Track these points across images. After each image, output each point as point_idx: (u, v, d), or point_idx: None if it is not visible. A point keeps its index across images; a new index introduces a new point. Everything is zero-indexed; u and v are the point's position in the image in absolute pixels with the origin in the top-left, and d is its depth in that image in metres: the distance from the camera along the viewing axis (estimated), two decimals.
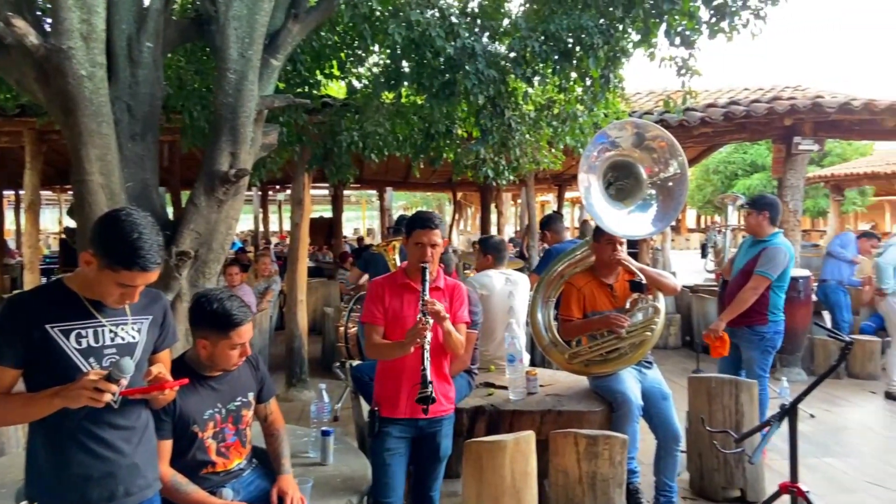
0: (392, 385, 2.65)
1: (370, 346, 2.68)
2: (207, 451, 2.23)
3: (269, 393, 2.48)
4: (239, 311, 2.18)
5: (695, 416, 3.81)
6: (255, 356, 2.43)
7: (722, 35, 3.91)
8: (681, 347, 8.02)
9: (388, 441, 2.64)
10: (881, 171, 13.99)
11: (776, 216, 4.28)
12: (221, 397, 2.27)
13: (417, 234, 2.63)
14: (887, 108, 6.65)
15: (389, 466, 2.63)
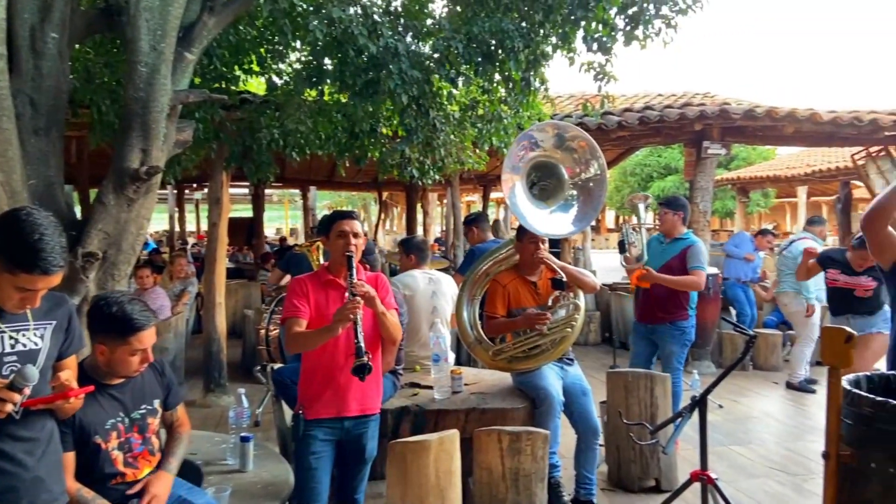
0: (317, 385, 2.60)
1: (293, 337, 2.54)
2: (114, 463, 2.12)
3: (176, 399, 2.39)
4: (140, 315, 2.08)
5: (613, 410, 3.94)
6: (159, 361, 2.34)
7: (636, 42, 4.07)
8: (600, 344, 8.28)
9: (314, 444, 2.59)
10: (782, 175, 14.90)
11: (688, 217, 4.54)
12: (124, 406, 2.17)
13: (339, 224, 2.62)
14: (787, 116, 7.10)
15: (316, 471, 2.58)
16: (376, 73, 3.76)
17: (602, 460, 4.06)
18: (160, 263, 9.20)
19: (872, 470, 2.08)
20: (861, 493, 2.12)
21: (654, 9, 3.93)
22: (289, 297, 2.63)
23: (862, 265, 4.36)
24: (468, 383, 3.67)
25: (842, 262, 4.49)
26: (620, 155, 11.26)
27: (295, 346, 2.59)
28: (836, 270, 4.43)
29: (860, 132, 7.56)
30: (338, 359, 2.58)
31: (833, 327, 2.28)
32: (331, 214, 2.78)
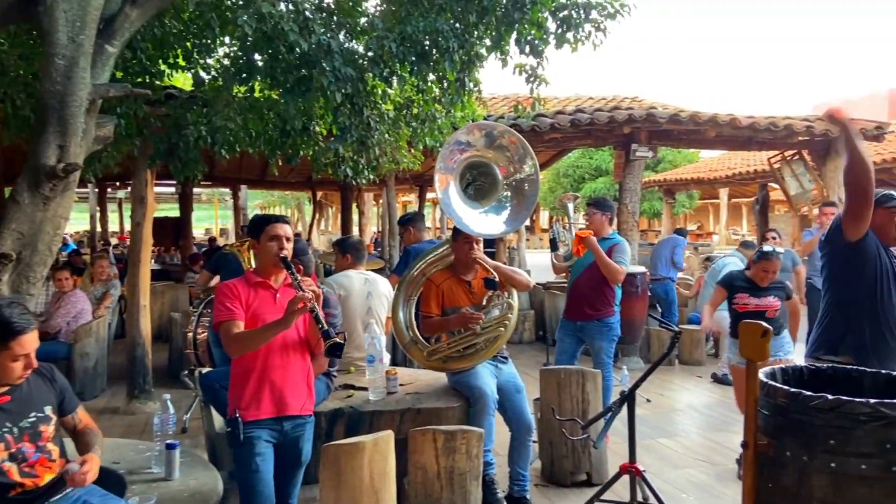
0: (253, 386, 2.55)
1: (234, 338, 2.47)
2: (8, 474, 2.03)
3: (73, 403, 2.31)
4: (20, 319, 1.99)
5: (546, 407, 4.01)
6: (48, 367, 2.25)
7: (568, 45, 4.16)
8: (535, 342, 8.41)
9: (259, 445, 2.53)
10: (705, 177, 15.55)
11: (614, 217, 4.70)
12: (10, 416, 2.07)
13: (273, 227, 2.60)
14: (709, 120, 7.42)
15: (263, 473, 2.54)
16: (308, 71, 3.70)
17: (536, 456, 4.13)
18: (80, 265, 8.78)
19: (788, 458, 2.19)
20: (777, 479, 2.23)
21: (583, 13, 4.03)
22: (220, 301, 2.56)
23: (765, 278, 4.23)
24: (403, 383, 3.65)
25: (747, 283, 4.30)
26: (553, 156, 11.49)
27: (238, 346, 2.51)
28: (745, 294, 4.24)
29: (776, 137, 7.98)
30: (273, 358, 2.55)
31: (751, 322, 2.39)
32: (261, 217, 2.73)
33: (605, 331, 4.49)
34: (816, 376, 2.66)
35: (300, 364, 2.66)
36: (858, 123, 8.31)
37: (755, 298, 4.22)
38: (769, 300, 4.22)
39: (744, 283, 4.30)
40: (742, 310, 4.20)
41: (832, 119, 2.89)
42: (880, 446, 2.06)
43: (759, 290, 4.24)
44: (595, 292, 4.45)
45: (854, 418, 2.08)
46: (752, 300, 4.22)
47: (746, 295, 4.23)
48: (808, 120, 8.13)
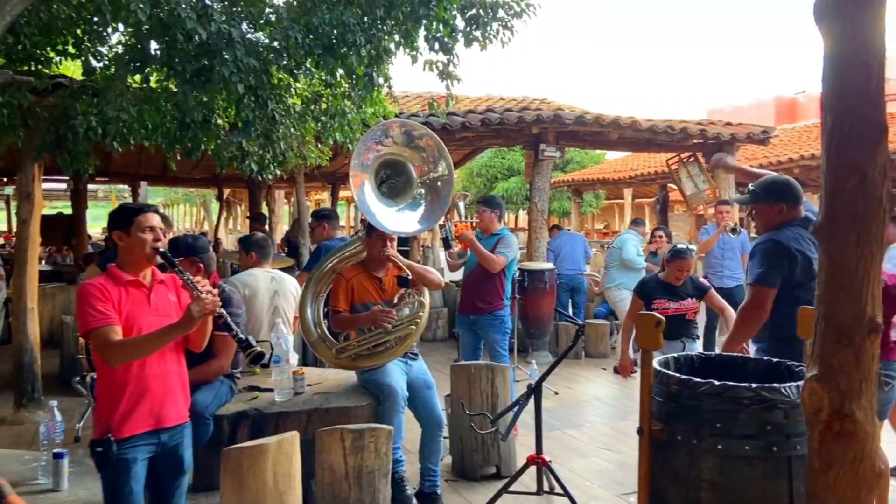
0: (129, 399, 2.29)
1: (117, 347, 2.21)
2: None
3: None
4: None
5: (456, 402, 4.04)
6: None
7: (477, 43, 4.21)
8: (448, 339, 8.46)
9: (134, 466, 2.28)
10: (610, 178, 16.17)
11: (503, 215, 4.85)
12: None
13: (146, 217, 2.34)
14: (612, 122, 7.71)
15: (136, 495, 2.28)
16: (209, 61, 3.55)
17: (447, 452, 4.16)
18: None
19: (679, 442, 2.30)
20: (670, 463, 2.34)
21: (491, 11, 4.08)
22: (88, 304, 2.24)
23: (680, 277, 4.19)
24: (311, 383, 3.58)
25: (662, 287, 4.26)
26: (466, 155, 11.60)
27: (123, 356, 2.25)
28: (663, 300, 4.18)
29: (673, 139, 8.40)
30: (151, 367, 2.31)
31: (645, 313, 2.49)
32: (129, 206, 2.44)
33: (497, 324, 4.63)
34: (706, 364, 2.82)
35: (177, 369, 2.43)
36: (746, 128, 8.89)
37: (674, 302, 4.20)
38: (688, 302, 4.22)
39: (659, 288, 4.25)
40: (663, 314, 4.23)
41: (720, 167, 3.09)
42: (761, 428, 2.20)
43: (676, 293, 4.22)
44: (485, 286, 4.60)
45: (738, 402, 2.21)
46: (672, 304, 4.19)
47: (665, 300, 4.20)
48: (701, 124, 8.61)
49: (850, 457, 1.97)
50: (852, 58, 1.95)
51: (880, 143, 1.95)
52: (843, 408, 1.97)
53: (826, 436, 2.00)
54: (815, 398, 2.02)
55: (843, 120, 1.97)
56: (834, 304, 2.02)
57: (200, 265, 3.36)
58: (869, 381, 1.99)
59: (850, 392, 1.97)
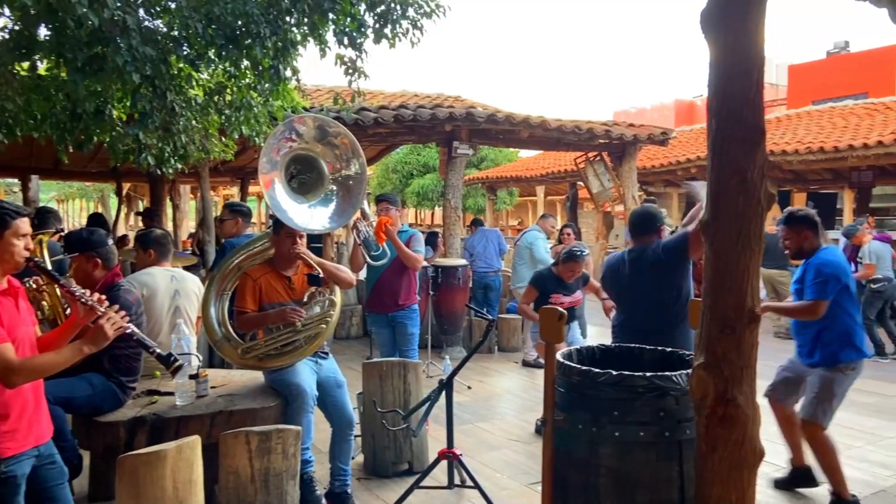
0: (16, 414, 2.16)
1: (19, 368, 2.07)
2: None
3: None
4: None
5: (368, 400, 4.02)
6: None
7: (386, 40, 4.18)
8: (362, 336, 8.40)
9: (21, 484, 2.18)
10: (522, 175, 16.52)
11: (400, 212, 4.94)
12: None
13: (23, 222, 2.20)
14: (522, 121, 7.88)
15: None
16: (102, 49, 3.35)
17: (358, 451, 4.13)
18: None
19: (580, 430, 2.39)
20: (572, 451, 2.42)
21: (400, 9, 4.07)
22: None
23: (572, 276, 4.61)
24: (215, 385, 3.46)
25: (557, 282, 4.66)
26: (381, 152, 11.55)
27: (28, 376, 2.12)
28: (559, 294, 4.61)
29: (580, 139, 8.68)
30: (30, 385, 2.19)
31: (548, 308, 2.57)
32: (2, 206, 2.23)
33: (414, 317, 4.73)
34: (607, 355, 2.93)
35: (39, 380, 2.30)
36: (647, 129, 9.31)
37: (567, 297, 4.62)
38: (577, 294, 4.68)
39: (555, 283, 4.67)
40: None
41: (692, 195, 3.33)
42: (655, 414, 2.31)
43: (569, 288, 4.67)
44: (402, 282, 4.65)
45: (633, 390, 2.32)
46: (566, 298, 4.61)
47: (560, 295, 4.63)
48: (606, 125, 8.94)
49: (734, 439, 2.11)
50: (734, 65, 2.08)
51: (759, 145, 2.09)
52: (726, 393, 2.10)
53: (712, 420, 2.13)
54: (702, 385, 2.14)
55: (726, 123, 2.09)
56: (718, 297, 2.15)
57: (98, 260, 3.19)
58: (750, 368, 2.13)
59: (733, 379, 2.11)
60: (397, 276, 4.63)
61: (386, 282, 4.64)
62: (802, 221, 3.64)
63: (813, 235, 3.61)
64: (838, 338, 3.51)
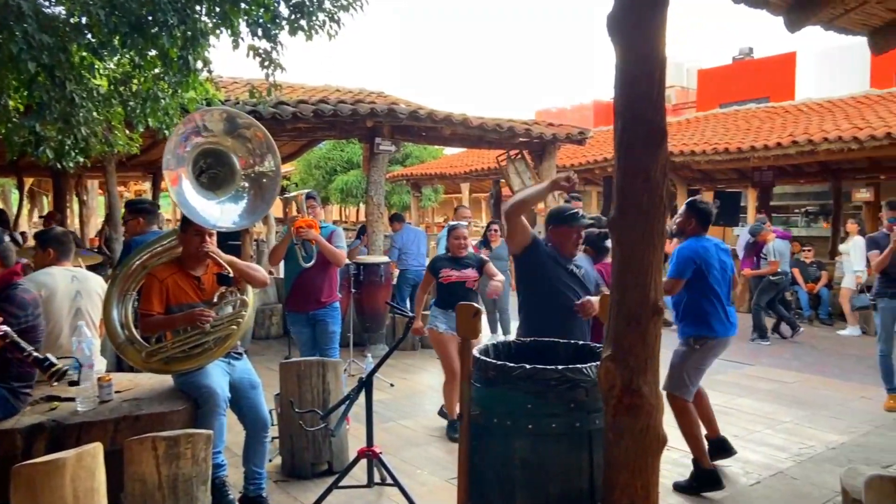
0: None
1: None
2: None
3: None
4: None
5: (286, 401, 3.94)
6: None
7: (302, 33, 4.10)
8: (282, 336, 8.23)
9: None
10: (447, 172, 16.61)
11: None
12: None
13: None
14: (444, 119, 7.92)
15: None
16: None
17: (276, 453, 4.05)
18: None
19: (495, 424, 2.42)
20: (487, 445, 2.46)
21: (316, 1, 4.00)
22: None
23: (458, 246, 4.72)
24: (120, 390, 3.30)
25: (448, 259, 4.78)
26: (302, 147, 11.33)
27: None
28: (447, 268, 4.68)
29: (501, 137, 8.81)
30: None
31: (464, 304, 2.59)
32: None
33: (336, 315, 4.69)
34: (523, 349, 2.99)
35: None
36: (566, 129, 9.55)
37: (456, 271, 4.68)
38: (468, 272, 4.71)
39: (446, 261, 4.77)
40: (447, 281, 4.67)
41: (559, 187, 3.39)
42: (566, 406, 2.37)
43: (459, 263, 4.72)
44: (324, 280, 4.60)
45: (546, 383, 2.37)
46: (454, 272, 4.68)
47: (449, 269, 4.69)
48: (526, 124, 9.11)
49: (639, 428, 2.19)
50: (638, 68, 2.16)
51: (661, 146, 2.18)
52: (632, 384, 2.19)
53: (618, 409, 2.21)
54: (610, 376, 2.22)
55: (631, 125, 2.17)
56: (624, 291, 2.23)
57: None
58: (653, 359, 2.22)
59: (638, 369, 2.19)
60: (319, 273, 4.57)
61: (307, 279, 4.57)
62: (698, 212, 4.00)
63: (698, 225, 3.97)
64: (689, 314, 3.93)
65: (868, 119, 9.74)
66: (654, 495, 2.21)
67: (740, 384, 6.06)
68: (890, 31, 3.79)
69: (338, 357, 4.57)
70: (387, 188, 20.01)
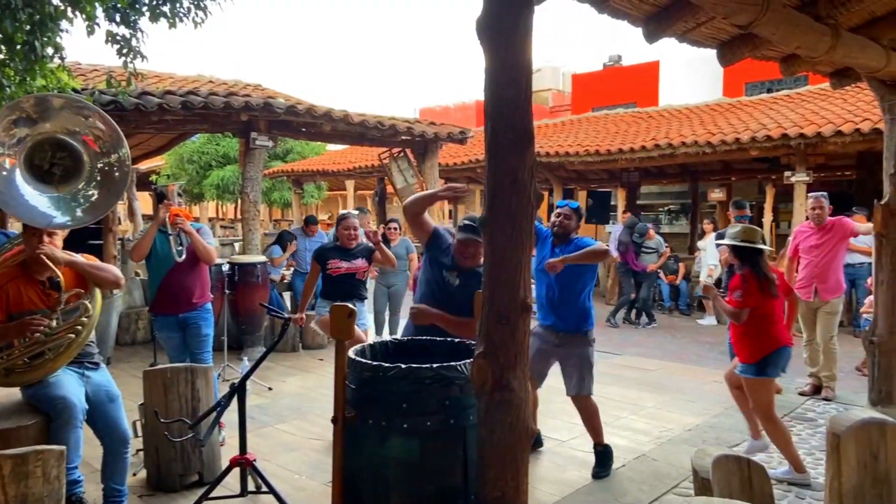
0: None
1: None
2: None
3: None
4: None
5: (150, 411, 3.71)
6: None
7: (165, 20, 3.87)
8: (151, 341, 7.75)
9: None
10: (330, 169, 16.34)
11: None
12: None
13: None
14: (324, 115, 7.77)
15: None
16: None
17: (140, 466, 3.81)
18: None
19: (370, 425, 2.42)
20: (362, 447, 2.45)
21: None
22: None
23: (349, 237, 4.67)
24: None
25: (337, 249, 4.73)
26: (173, 140, 10.72)
27: None
28: (336, 259, 4.63)
29: (383, 135, 8.78)
30: None
31: (339, 305, 2.56)
32: None
33: (208, 317, 4.48)
34: (401, 348, 3.00)
35: None
36: (447, 128, 9.68)
37: (346, 262, 4.59)
38: (358, 262, 4.63)
39: (334, 251, 4.64)
40: (336, 273, 4.55)
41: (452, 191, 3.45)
42: (441, 404, 2.41)
43: (349, 254, 4.63)
44: (196, 280, 4.39)
45: (421, 382, 2.40)
46: (343, 264, 4.58)
47: (338, 260, 4.60)
48: (408, 122, 9.14)
49: (509, 421, 2.26)
50: (506, 73, 2.22)
51: (528, 148, 2.25)
52: (503, 379, 2.25)
53: (490, 405, 2.27)
54: (482, 372, 2.27)
55: (499, 128, 2.23)
56: (495, 290, 2.29)
57: None
58: (522, 355, 2.30)
59: (509, 365, 2.26)
60: (189, 272, 4.33)
61: (175, 279, 4.31)
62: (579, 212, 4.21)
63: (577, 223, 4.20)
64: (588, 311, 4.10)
65: (720, 125, 10.63)
66: (524, 485, 2.29)
67: (610, 373, 6.41)
68: (735, 46, 4.14)
69: (211, 362, 4.37)
70: (267, 184, 19.41)
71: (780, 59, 4.49)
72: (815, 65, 4.51)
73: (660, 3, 3.56)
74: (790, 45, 3.90)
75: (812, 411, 5.23)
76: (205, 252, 4.30)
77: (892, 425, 2.42)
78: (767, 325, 3.84)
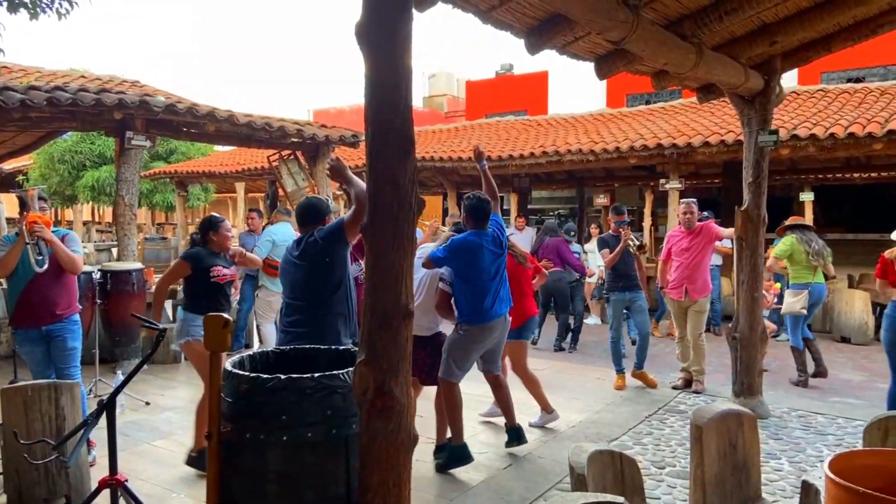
0: None
1: None
2: None
3: None
4: None
5: (9, 432, 3.40)
6: None
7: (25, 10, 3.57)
8: (12, 357, 7.10)
9: None
10: (216, 170, 15.70)
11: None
12: None
13: None
14: (208, 114, 7.45)
15: None
16: None
17: (1, 490, 3.48)
18: None
19: (248, 440, 2.32)
20: (239, 462, 2.35)
21: None
22: None
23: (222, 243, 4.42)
24: None
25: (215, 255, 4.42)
26: (41, 138, 9.91)
27: None
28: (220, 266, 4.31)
29: (272, 136, 8.55)
30: None
31: (213, 315, 2.45)
32: None
33: (75, 329, 4.21)
34: (282, 358, 2.91)
35: None
36: (339, 131, 9.57)
37: (228, 269, 4.36)
38: (233, 269, 4.46)
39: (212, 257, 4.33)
40: (223, 280, 4.29)
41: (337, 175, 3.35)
42: (323, 414, 2.35)
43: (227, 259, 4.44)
44: (61, 289, 4.12)
45: (302, 392, 2.33)
46: (227, 270, 4.34)
47: (221, 267, 4.31)
48: (298, 124, 8.95)
49: (391, 428, 2.25)
50: (386, 77, 2.21)
51: (409, 154, 2.26)
52: (384, 386, 2.24)
53: (371, 412, 2.25)
54: (363, 380, 2.25)
55: (379, 133, 2.22)
56: (377, 295, 2.27)
57: None
58: (404, 361, 2.30)
59: (391, 371, 2.25)
60: (53, 281, 4.04)
61: (38, 290, 4.00)
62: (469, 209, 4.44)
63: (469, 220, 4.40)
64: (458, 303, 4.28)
65: (602, 134, 11.17)
66: (406, 491, 2.29)
67: None
68: (611, 60, 4.37)
69: (78, 377, 4.08)
70: (148, 186, 18.34)
71: (652, 74, 4.79)
72: (683, 80, 4.84)
73: (539, 17, 3.69)
74: (659, 62, 4.16)
75: (683, 404, 5.58)
76: (68, 261, 4.01)
77: (749, 416, 2.63)
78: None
